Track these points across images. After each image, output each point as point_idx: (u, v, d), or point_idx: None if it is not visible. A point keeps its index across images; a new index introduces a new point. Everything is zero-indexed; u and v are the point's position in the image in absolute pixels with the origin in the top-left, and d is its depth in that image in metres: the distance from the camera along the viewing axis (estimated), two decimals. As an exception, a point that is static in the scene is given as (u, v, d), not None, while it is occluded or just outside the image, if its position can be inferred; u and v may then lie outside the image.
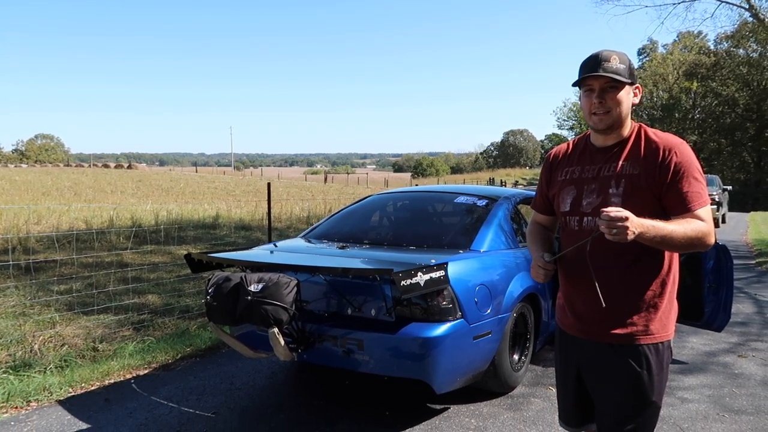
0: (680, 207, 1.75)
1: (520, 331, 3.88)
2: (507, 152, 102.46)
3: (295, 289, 2.96)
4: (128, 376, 4.02)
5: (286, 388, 3.88)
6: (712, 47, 46.64)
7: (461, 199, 4.32)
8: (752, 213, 26.18)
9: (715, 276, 4.28)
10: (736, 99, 43.61)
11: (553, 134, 78.48)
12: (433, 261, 3.16)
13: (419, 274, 2.88)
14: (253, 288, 2.84)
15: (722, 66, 43.28)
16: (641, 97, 1.92)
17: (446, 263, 3.09)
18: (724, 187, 19.37)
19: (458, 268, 3.27)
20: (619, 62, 1.81)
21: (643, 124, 1.90)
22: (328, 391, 3.78)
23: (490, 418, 3.38)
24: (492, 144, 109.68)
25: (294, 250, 3.93)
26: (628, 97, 1.84)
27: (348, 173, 75.59)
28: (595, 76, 1.80)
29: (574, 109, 56.68)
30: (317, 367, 4.20)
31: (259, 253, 3.78)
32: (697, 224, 1.71)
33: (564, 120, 59.25)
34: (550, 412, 3.45)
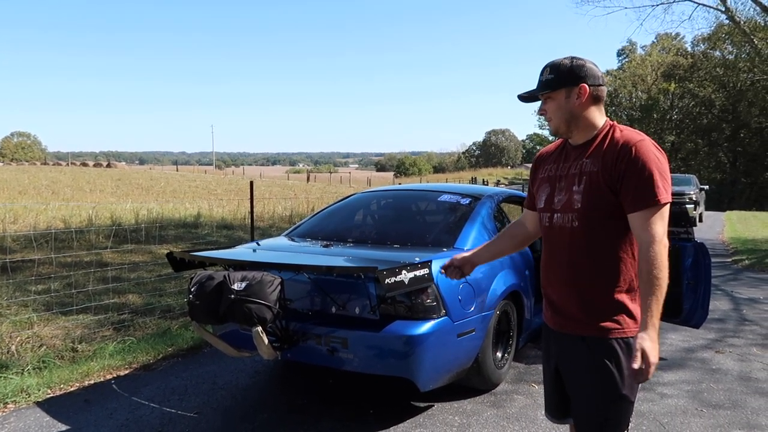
0: (631, 205, 1.75)
1: (503, 328, 3.91)
2: (489, 152, 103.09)
3: (279, 287, 2.94)
4: (108, 377, 3.97)
5: (269, 387, 3.86)
6: (689, 49, 47.41)
7: (445, 197, 4.34)
8: (728, 212, 26.65)
9: (693, 273, 4.34)
10: (712, 100, 44.38)
11: (535, 134, 79.20)
12: (417, 259, 3.16)
13: (403, 272, 2.88)
14: (236, 286, 2.82)
15: (699, 67, 44.01)
16: (589, 95, 1.86)
17: (430, 261, 3.10)
18: (701, 186, 19.68)
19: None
20: (549, 72, 1.88)
21: (615, 123, 1.91)
22: (312, 390, 3.77)
23: (474, 415, 3.40)
24: (474, 143, 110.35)
25: (278, 249, 3.91)
26: (567, 102, 1.86)
27: (331, 172, 75.42)
28: (520, 96, 2.00)
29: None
30: (301, 365, 4.18)
31: (242, 252, 3.75)
32: (646, 258, 1.71)
33: (545, 120, 59.73)
34: (532, 409, 3.48)
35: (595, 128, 1.90)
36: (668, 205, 1.78)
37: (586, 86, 1.86)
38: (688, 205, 14.09)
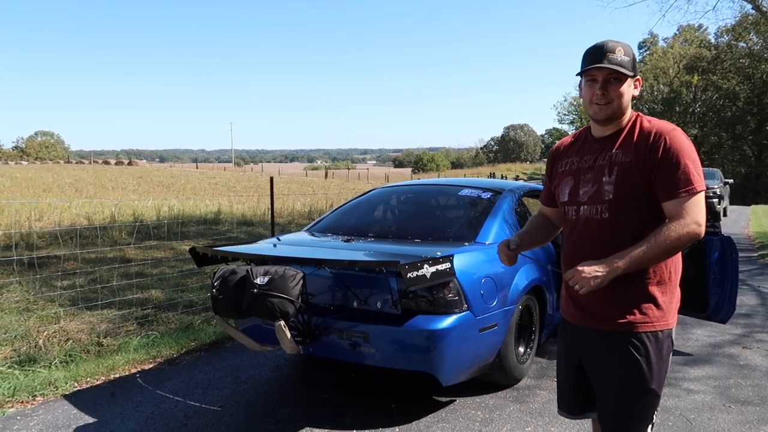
0: (667, 193, 1.75)
1: (526, 323, 3.88)
2: (507, 147, 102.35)
3: (301, 281, 2.95)
4: (133, 371, 4.02)
5: (291, 382, 3.88)
6: (712, 40, 46.51)
7: (465, 191, 4.31)
8: (753, 206, 26.16)
9: (720, 267, 4.26)
10: (736, 92, 43.49)
11: (554, 129, 78.32)
12: (438, 253, 3.15)
13: (425, 266, 2.87)
14: (259, 281, 2.84)
15: (723, 59, 43.15)
16: (641, 89, 1.92)
17: (452, 255, 3.08)
18: (725, 180, 19.35)
19: (464, 261, 3.27)
20: (624, 54, 1.81)
21: (640, 114, 1.90)
22: (334, 385, 3.78)
23: (496, 410, 3.38)
24: (492, 139, 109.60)
25: (299, 244, 3.92)
26: (629, 89, 1.85)
27: (349, 169, 75.55)
28: (600, 68, 1.80)
29: (575, 103, 56.57)
30: (323, 360, 4.20)
31: (263, 247, 3.77)
32: (675, 228, 1.70)
33: (564, 114, 59.12)
34: (555, 404, 3.43)
35: (624, 120, 1.89)
36: (703, 193, 1.76)
37: (641, 79, 1.89)
38: (712, 200, 13.88)
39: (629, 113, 1.89)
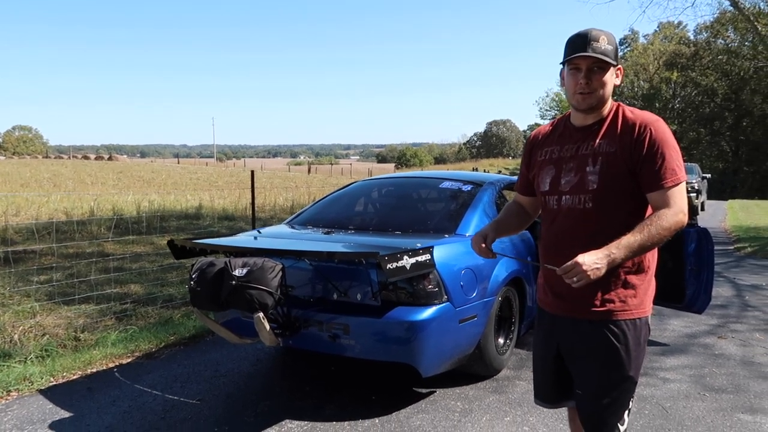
0: (653, 184, 1.76)
1: (505, 315, 3.90)
2: (490, 142, 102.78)
3: (281, 273, 2.93)
4: (111, 365, 3.98)
5: (271, 375, 3.86)
6: (691, 37, 47.08)
7: (446, 184, 4.32)
8: (730, 201, 26.59)
9: (696, 259, 4.33)
10: (714, 89, 44.12)
11: (536, 124, 78.80)
12: (418, 245, 3.15)
13: (405, 257, 2.87)
14: (237, 272, 2.82)
15: (701, 56, 43.73)
16: (622, 80, 1.92)
17: (432, 247, 3.09)
18: (703, 175, 19.63)
19: (444, 252, 3.28)
20: (607, 43, 1.81)
21: (621, 104, 1.90)
22: (314, 377, 3.77)
23: (476, 400, 3.40)
24: (475, 134, 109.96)
25: (279, 236, 3.90)
26: (612, 78, 1.84)
27: (332, 164, 75.33)
28: (584, 56, 1.79)
29: (557, 99, 57.01)
30: (303, 353, 4.19)
31: (243, 239, 3.75)
32: (665, 216, 1.72)
33: (546, 110, 59.58)
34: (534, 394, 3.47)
35: (606, 109, 1.90)
36: (685, 183, 1.79)
37: (622, 69, 1.89)
38: (690, 194, 14.07)
39: (610, 103, 1.89)
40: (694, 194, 16.22)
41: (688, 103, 47.69)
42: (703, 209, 18.39)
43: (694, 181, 16.93)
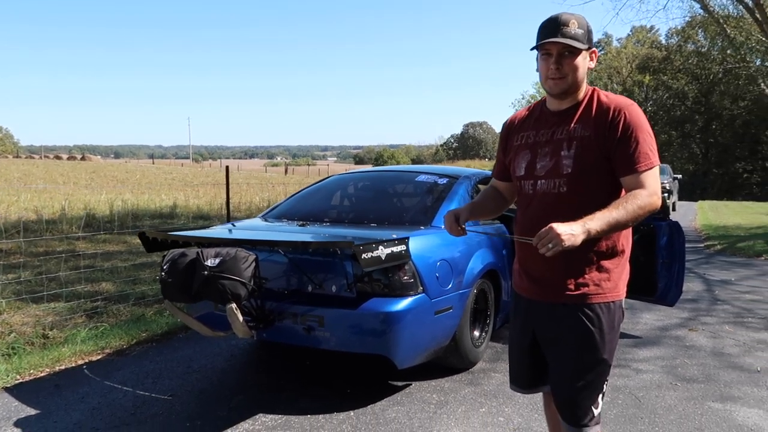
0: (627, 168, 1.77)
1: (481, 307, 3.91)
2: (467, 144, 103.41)
3: (254, 264, 2.89)
4: (80, 362, 3.88)
5: (246, 370, 3.81)
6: (663, 42, 48.01)
7: (422, 177, 4.32)
8: (700, 201, 27.18)
9: (668, 252, 4.39)
10: (685, 92, 45.05)
11: (512, 126, 79.59)
12: (394, 235, 3.14)
13: (380, 247, 2.85)
14: (209, 263, 2.76)
15: (673, 60, 44.62)
16: (596, 63, 1.91)
17: (407, 238, 3.08)
18: (675, 176, 20.00)
19: (419, 244, 3.27)
20: (578, 27, 1.80)
21: (596, 88, 1.91)
22: (289, 371, 3.73)
23: (451, 392, 3.40)
24: (452, 136, 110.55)
25: (253, 229, 3.85)
26: (584, 62, 1.84)
27: (309, 165, 75.05)
28: (553, 42, 1.79)
29: (532, 101, 57.55)
30: (277, 349, 4.15)
31: (216, 231, 3.69)
32: (640, 196, 1.72)
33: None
34: (509, 386, 3.49)
35: (581, 93, 1.89)
36: (658, 167, 1.80)
37: (596, 51, 1.88)
38: (663, 194, 14.29)
39: (585, 87, 1.89)
40: (666, 194, 16.50)
41: (659, 105, 48.60)
42: (674, 209, 18.74)
43: (665, 181, 17.22)
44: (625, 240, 1.90)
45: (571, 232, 1.63)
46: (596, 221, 1.67)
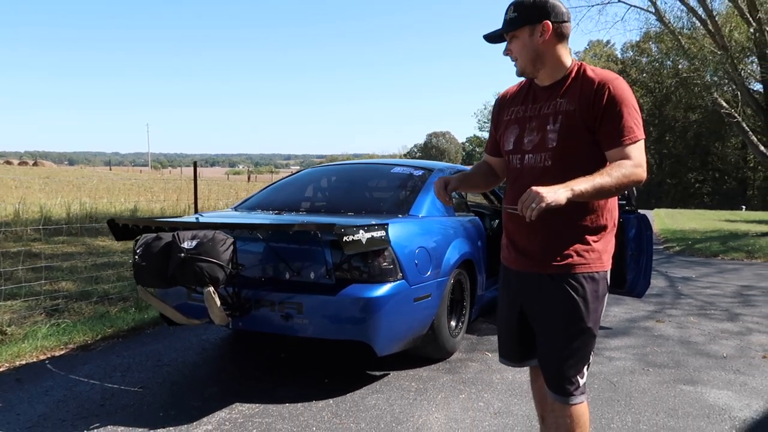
0: (611, 141, 1.78)
1: (457, 297, 3.91)
2: (430, 153, 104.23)
3: (232, 247, 2.82)
4: (42, 357, 3.71)
5: (219, 362, 3.71)
6: (619, 56, 49.61)
7: (397, 170, 4.32)
8: (656, 210, 28.07)
9: (636, 245, 4.48)
10: (640, 104, 46.22)
11: (474, 136, 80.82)
12: (374, 221, 3.11)
13: (361, 231, 2.83)
14: (186, 245, 2.67)
15: (628, 73, 46.12)
16: (552, 32, 1.84)
17: (387, 224, 3.06)
18: (633, 184, 20.56)
19: (398, 230, 3.25)
20: (513, 11, 1.86)
21: (584, 63, 1.93)
22: (265, 362, 3.65)
23: (430, 381, 3.38)
24: (415, 146, 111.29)
25: (225, 218, 3.77)
26: (531, 40, 1.85)
27: (272, 172, 74.32)
28: (485, 37, 1.94)
29: (494, 111, 58.40)
30: (251, 342, 4.06)
31: (189, 219, 3.59)
32: (626, 165, 1.73)
33: (484, 122, 61.10)
34: (487, 374, 3.50)
35: (563, 67, 1.89)
36: (643, 141, 1.81)
37: (549, 23, 1.84)
38: (621, 202, 14.69)
39: (569, 61, 1.90)
40: (624, 201, 16.97)
41: (616, 117, 50.03)
42: (632, 215, 19.27)
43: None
44: (609, 214, 1.92)
45: (554, 190, 1.63)
46: (581, 183, 1.68)
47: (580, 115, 1.81)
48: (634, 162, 1.75)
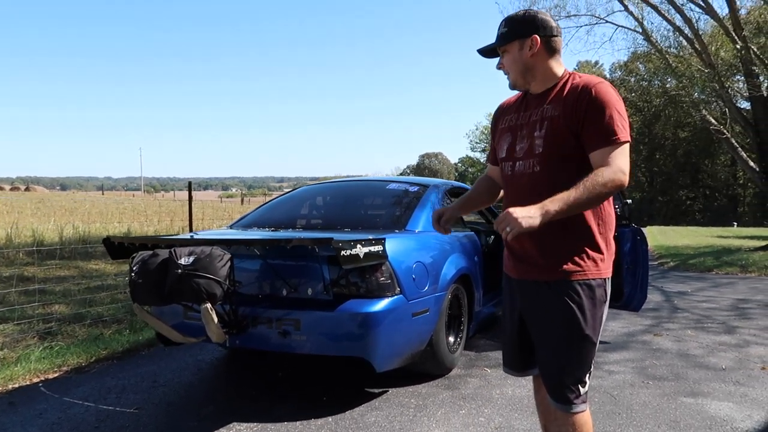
0: (593, 143, 1.78)
1: (455, 313, 3.90)
2: (423, 175, 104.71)
3: (229, 263, 2.80)
4: (36, 380, 3.66)
5: (214, 383, 3.66)
6: (607, 76, 50.28)
7: (393, 186, 4.33)
8: (648, 227, 28.23)
9: (632, 258, 4.50)
10: (630, 123, 47.11)
11: (467, 157, 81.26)
12: (371, 236, 3.11)
13: (358, 246, 2.82)
14: (183, 261, 2.66)
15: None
16: (541, 46, 1.88)
17: (384, 238, 3.06)
18: (625, 201, 20.75)
19: (395, 245, 3.25)
20: (504, 26, 1.91)
21: (574, 72, 1.96)
22: (261, 382, 3.61)
23: (429, 397, 3.35)
24: (408, 167, 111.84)
25: (221, 235, 3.76)
26: (520, 54, 1.89)
27: (265, 195, 74.31)
28: (483, 51, 1.99)
29: (486, 131, 59.04)
30: (247, 362, 4.01)
31: (184, 236, 3.58)
32: (603, 173, 1.72)
33: (476, 143, 61.53)
34: (487, 389, 3.47)
35: (554, 78, 1.92)
36: (628, 144, 1.82)
37: (538, 37, 1.88)
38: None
39: (560, 71, 1.94)
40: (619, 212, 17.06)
41: (606, 136, 50.55)
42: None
43: (617, 206, 17.84)
44: (604, 220, 1.91)
45: (528, 214, 1.66)
46: (555, 202, 1.69)
47: (565, 120, 1.83)
48: (612, 168, 1.74)
